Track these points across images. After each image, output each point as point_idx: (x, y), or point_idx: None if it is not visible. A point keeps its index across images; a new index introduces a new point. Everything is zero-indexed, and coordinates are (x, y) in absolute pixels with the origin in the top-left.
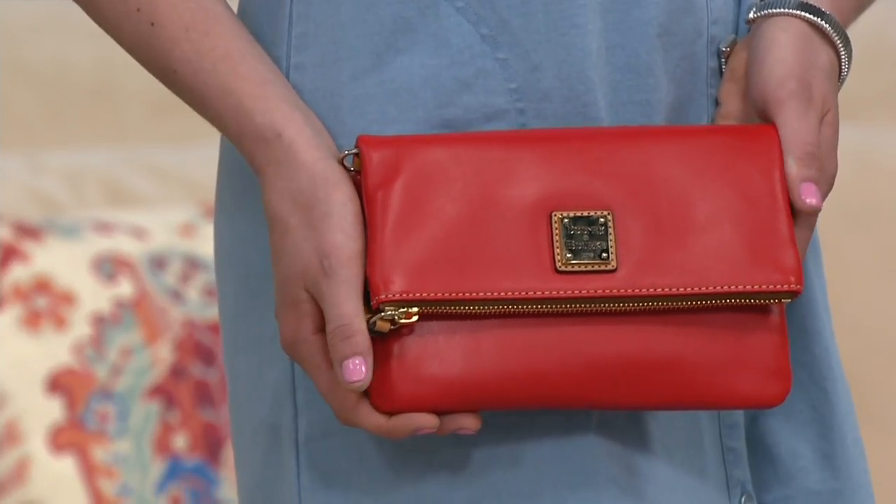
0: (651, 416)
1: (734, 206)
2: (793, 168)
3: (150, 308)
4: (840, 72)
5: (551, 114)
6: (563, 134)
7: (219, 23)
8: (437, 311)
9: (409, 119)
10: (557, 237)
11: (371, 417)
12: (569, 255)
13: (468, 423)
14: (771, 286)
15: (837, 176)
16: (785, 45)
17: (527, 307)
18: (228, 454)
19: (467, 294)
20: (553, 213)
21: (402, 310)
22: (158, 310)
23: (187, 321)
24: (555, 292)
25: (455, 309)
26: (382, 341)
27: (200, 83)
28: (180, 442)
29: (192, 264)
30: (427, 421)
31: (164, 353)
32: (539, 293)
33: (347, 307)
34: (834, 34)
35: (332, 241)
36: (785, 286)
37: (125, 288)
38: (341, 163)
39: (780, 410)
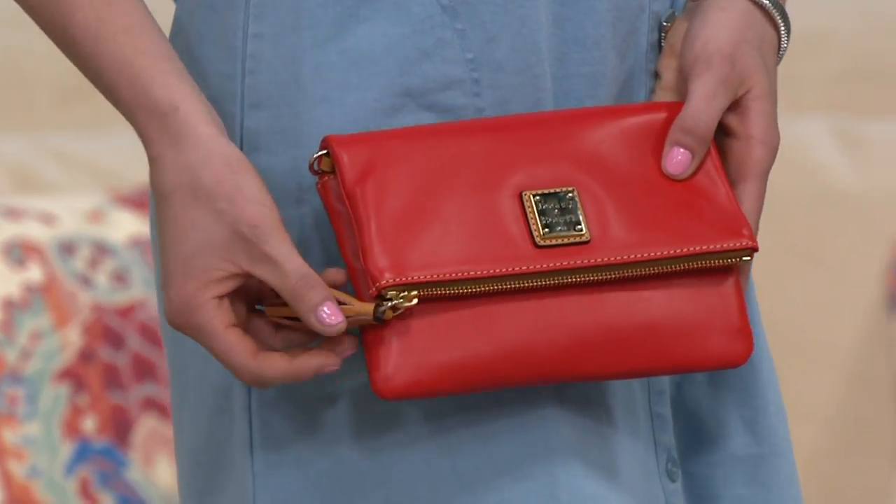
0: (602, 385)
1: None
2: (671, 132)
3: (59, 293)
4: (779, 47)
5: (504, 84)
6: (518, 121)
7: None
8: (434, 294)
9: (371, 86)
10: (532, 214)
11: (273, 365)
12: (545, 230)
13: (340, 347)
14: (731, 245)
15: None
16: (720, 23)
17: (514, 283)
18: (137, 436)
19: (463, 273)
20: (523, 192)
21: (403, 293)
22: (67, 294)
23: (96, 306)
24: (539, 266)
25: (452, 290)
26: (378, 330)
27: (98, 52)
28: (89, 424)
29: (101, 250)
30: (327, 358)
31: (73, 338)
32: (525, 268)
33: (298, 261)
34: (774, 10)
35: (254, 210)
36: (743, 244)
37: (34, 273)
38: (312, 166)
39: (704, 378)
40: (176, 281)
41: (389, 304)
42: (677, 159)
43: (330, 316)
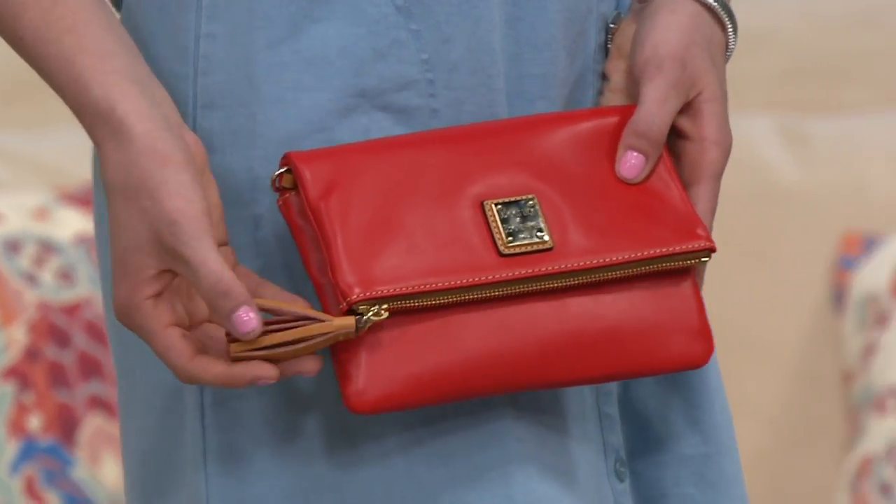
0: (554, 389)
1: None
2: (624, 136)
3: (4, 291)
4: (727, 47)
5: (459, 85)
6: (475, 130)
7: None
8: (403, 306)
9: (326, 87)
10: (494, 223)
11: (209, 369)
12: (509, 239)
13: (308, 366)
14: (691, 246)
15: None
16: (670, 26)
17: (481, 293)
18: (82, 435)
19: (431, 285)
20: (485, 202)
21: (374, 307)
22: (13, 293)
23: (42, 304)
24: (505, 275)
25: (420, 302)
26: (348, 345)
27: (45, 53)
28: (35, 423)
29: (47, 248)
30: (265, 371)
31: (18, 336)
32: (492, 277)
33: (214, 264)
34: (722, 12)
35: (172, 206)
36: (701, 245)
37: None
38: (274, 183)
39: (650, 378)
40: (116, 281)
41: (367, 318)
42: (631, 163)
43: (243, 323)
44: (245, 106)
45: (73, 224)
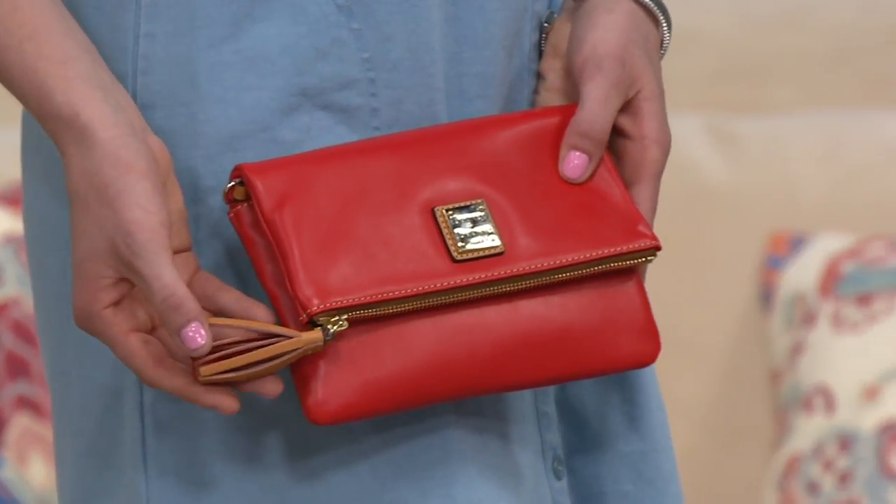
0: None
1: (574, 184)
2: (567, 136)
3: None
4: (662, 44)
5: (399, 84)
6: (422, 136)
7: None
8: (361, 316)
9: (267, 86)
10: (446, 229)
11: (171, 379)
12: (461, 244)
13: (268, 388)
14: (638, 245)
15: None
16: (608, 26)
17: (437, 300)
18: (10, 435)
19: (388, 294)
20: (435, 209)
21: (336, 318)
22: None
23: None
24: (459, 281)
25: (378, 311)
26: (306, 357)
27: (6, 61)
28: None
29: None
30: (226, 403)
31: None
32: (446, 283)
33: (167, 278)
34: (657, 10)
35: (131, 217)
36: (647, 244)
37: None
38: (226, 196)
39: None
40: (75, 288)
41: (334, 330)
42: (574, 163)
43: (192, 339)
44: (186, 105)
45: (1, 224)
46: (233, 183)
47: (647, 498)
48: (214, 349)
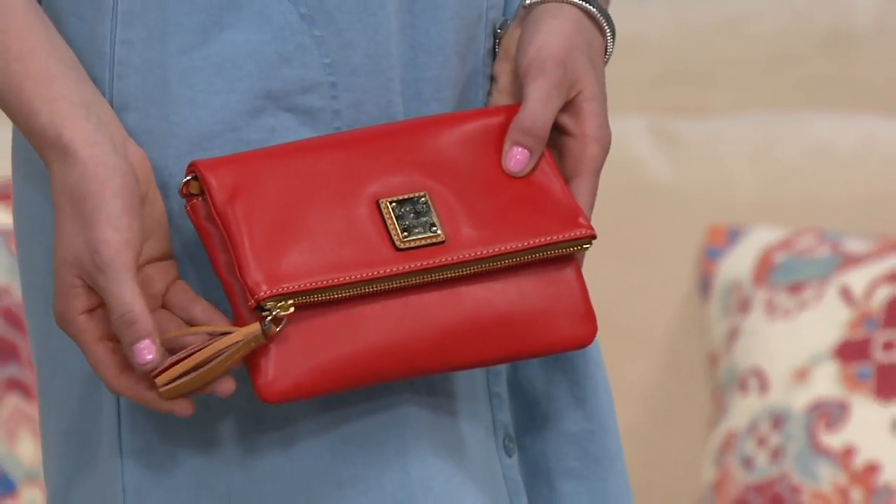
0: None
1: (514, 177)
2: (510, 133)
3: None
4: (606, 50)
5: (359, 87)
6: (370, 134)
7: (16, 19)
8: (308, 301)
9: (234, 90)
10: (390, 220)
11: (133, 387)
12: (404, 234)
13: (222, 387)
14: (573, 234)
15: None
16: (552, 30)
17: (380, 286)
18: (1, 415)
19: (333, 280)
20: (380, 201)
21: (280, 303)
22: None
23: None
24: (401, 268)
25: (324, 296)
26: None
27: None
28: None
29: None
30: (181, 408)
31: None
32: (389, 270)
33: (125, 296)
34: (601, 17)
35: (99, 236)
36: (583, 232)
37: None
38: (182, 190)
39: (538, 360)
40: (54, 293)
41: (270, 315)
42: (517, 158)
43: (142, 354)
44: (158, 107)
45: None
46: (188, 178)
47: (592, 475)
48: (177, 359)
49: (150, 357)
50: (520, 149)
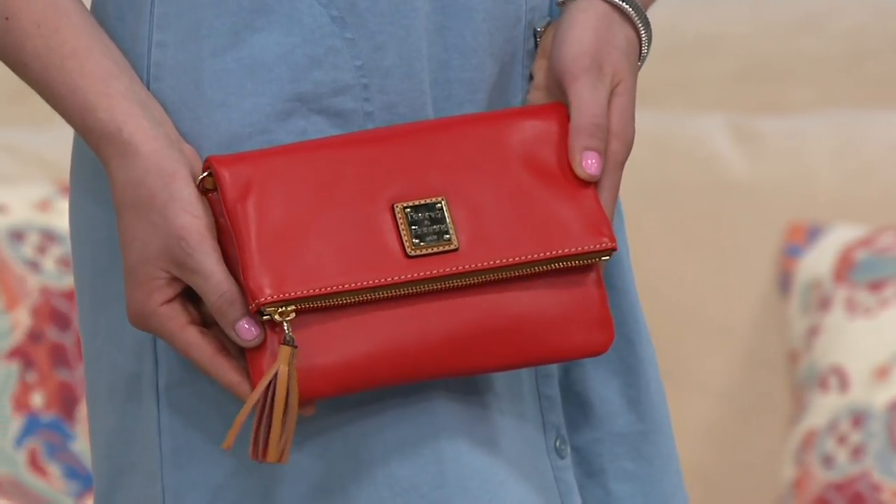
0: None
1: (541, 181)
2: (575, 138)
3: (9, 277)
4: (640, 49)
5: (392, 89)
6: (392, 133)
7: (68, 19)
8: (311, 307)
9: (265, 92)
10: (403, 226)
11: (227, 373)
12: (416, 241)
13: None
14: (592, 247)
15: (637, 157)
16: (583, 25)
17: (386, 293)
18: (82, 411)
19: (338, 287)
20: (395, 205)
21: (280, 309)
22: (17, 279)
23: (44, 289)
24: (410, 276)
25: (328, 302)
26: (264, 342)
27: (50, 79)
28: (38, 400)
29: (49, 237)
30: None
31: (22, 319)
32: (396, 278)
33: (219, 276)
34: (634, 15)
35: (182, 223)
36: (603, 245)
37: None
38: (199, 186)
39: (590, 361)
40: (128, 290)
41: (270, 318)
42: (589, 162)
43: (246, 332)
44: (192, 110)
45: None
46: (204, 174)
47: (647, 476)
48: (265, 433)
49: (255, 331)
50: (590, 153)
